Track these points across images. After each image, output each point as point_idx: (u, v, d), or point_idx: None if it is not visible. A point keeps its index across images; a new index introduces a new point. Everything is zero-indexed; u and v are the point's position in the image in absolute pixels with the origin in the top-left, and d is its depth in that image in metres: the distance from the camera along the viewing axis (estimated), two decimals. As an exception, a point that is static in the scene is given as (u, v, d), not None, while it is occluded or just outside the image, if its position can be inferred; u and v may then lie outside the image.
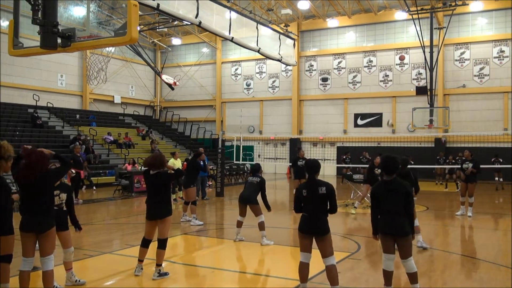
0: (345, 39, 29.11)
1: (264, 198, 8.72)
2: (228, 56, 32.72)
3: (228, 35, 12.76)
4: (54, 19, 5.33)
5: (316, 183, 5.44)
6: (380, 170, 5.62)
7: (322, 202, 5.38)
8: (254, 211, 8.64)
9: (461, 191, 12.30)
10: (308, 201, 5.42)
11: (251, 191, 8.70)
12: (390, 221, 5.36)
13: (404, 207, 5.35)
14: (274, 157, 30.32)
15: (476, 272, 6.85)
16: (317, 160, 5.83)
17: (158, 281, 6.18)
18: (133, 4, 5.18)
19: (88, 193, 17.75)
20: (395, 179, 5.46)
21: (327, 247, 5.37)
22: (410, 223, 5.39)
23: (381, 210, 5.46)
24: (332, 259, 5.36)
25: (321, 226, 5.36)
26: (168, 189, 6.52)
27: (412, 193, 5.46)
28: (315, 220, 5.36)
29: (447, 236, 10.35)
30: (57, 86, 27.79)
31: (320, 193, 5.36)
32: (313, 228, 5.37)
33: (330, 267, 5.35)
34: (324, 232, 5.36)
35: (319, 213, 5.38)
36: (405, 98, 26.69)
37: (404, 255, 5.35)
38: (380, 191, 5.49)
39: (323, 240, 5.37)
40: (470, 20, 25.78)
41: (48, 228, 5.02)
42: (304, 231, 5.45)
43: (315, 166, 5.56)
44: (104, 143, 23.82)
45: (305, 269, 5.46)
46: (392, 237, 5.39)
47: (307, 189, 5.45)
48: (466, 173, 11.92)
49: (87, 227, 10.84)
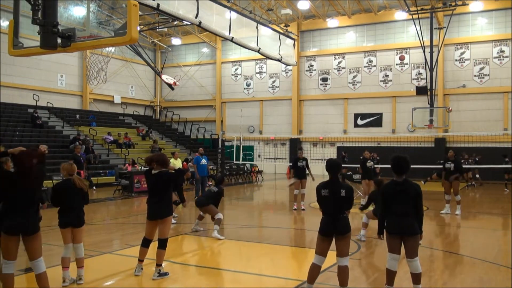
0: (345, 39, 29.11)
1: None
2: (228, 56, 32.72)
3: (228, 35, 12.76)
4: (54, 19, 5.32)
5: (338, 185, 5.37)
6: (392, 170, 5.52)
7: (342, 203, 5.35)
8: (210, 212, 9.32)
9: (445, 189, 12.59)
10: (328, 201, 5.37)
11: (207, 197, 9.42)
12: (399, 221, 5.31)
13: (413, 208, 5.30)
14: (274, 157, 30.32)
15: (476, 272, 6.85)
16: (337, 160, 5.76)
17: (158, 281, 6.18)
18: (133, 4, 5.17)
19: (88, 193, 17.72)
20: (405, 180, 5.38)
21: (345, 247, 5.35)
22: (419, 223, 5.35)
23: (390, 210, 5.40)
24: (346, 260, 5.36)
25: (344, 225, 5.33)
26: (169, 189, 6.51)
27: (421, 194, 5.41)
28: (337, 220, 5.33)
29: (447, 236, 10.36)
30: (57, 86, 27.79)
31: (341, 195, 5.31)
32: (335, 229, 5.33)
33: (344, 268, 5.35)
34: (346, 231, 5.34)
35: (339, 214, 5.34)
36: (405, 98, 26.70)
37: (410, 255, 5.30)
38: (390, 191, 5.42)
39: (343, 239, 5.34)
40: (470, 20, 25.79)
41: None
42: (324, 233, 5.40)
43: (336, 166, 5.49)
44: (104, 143, 23.81)
45: (315, 271, 5.44)
46: (399, 237, 5.34)
47: (328, 189, 5.37)
48: (450, 180, 12.33)
49: (87, 227, 10.84)
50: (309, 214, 13.11)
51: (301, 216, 12.50)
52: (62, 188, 6.10)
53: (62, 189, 6.09)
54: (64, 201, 6.04)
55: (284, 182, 25.13)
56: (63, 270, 5.96)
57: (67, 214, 6.01)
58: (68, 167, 6.20)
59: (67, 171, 6.14)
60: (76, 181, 6.05)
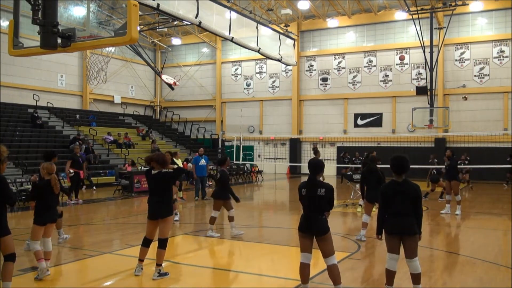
0: (345, 39, 29.11)
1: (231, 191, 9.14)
2: (228, 56, 32.72)
3: (228, 35, 12.77)
4: (54, 19, 5.33)
5: (316, 184, 5.39)
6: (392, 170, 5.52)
7: (320, 202, 5.35)
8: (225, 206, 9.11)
9: (446, 190, 12.83)
10: (307, 200, 5.40)
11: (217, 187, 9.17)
12: (398, 221, 5.31)
13: (413, 208, 5.31)
14: (274, 157, 30.32)
15: (476, 272, 6.85)
16: (320, 160, 5.78)
17: (158, 281, 6.18)
18: (133, 4, 5.18)
19: (88, 193, 17.74)
20: (405, 180, 5.39)
21: (328, 247, 5.34)
22: (418, 223, 5.35)
23: (389, 211, 5.40)
24: (333, 259, 5.34)
25: (321, 225, 5.33)
26: (169, 188, 6.51)
27: (421, 195, 5.41)
28: (314, 220, 5.34)
29: (447, 236, 10.36)
30: (57, 86, 27.79)
31: (319, 194, 5.33)
32: (312, 228, 5.35)
33: (332, 267, 5.34)
34: (324, 232, 5.34)
35: (317, 213, 5.35)
36: (405, 98, 26.69)
37: (410, 255, 5.30)
38: (389, 191, 5.42)
39: (323, 239, 5.34)
40: (470, 20, 25.78)
41: None
42: (303, 230, 5.43)
43: (318, 166, 5.50)
44: (104, 143, 23.82)
45: (305, 269, 5.43)
46: (399, 237, 5.35)
47: (307, 188, 5.42)
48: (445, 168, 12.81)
49: (87, 227, 10.85)
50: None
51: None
52: (43, 186, 6.34)
53: (42, 188, 6.33)
54: (43, 199, 6.29)
55: (284, 182, 25.13)
56: (39, 261, 6.06)
57: (44, 213, 6.25)
58: (48, 166, 6.46)
59: (47, 170, 6.41)
60: (52, 180, 6.26)
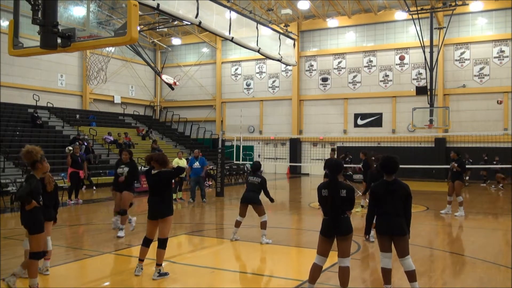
0: (345, 39, 29.11)
1: (267, 194, 8.78)
2: (228, 56, 32.72)
3: (228, 35, 12.75)
4: (54, 19, 5.33)
5: (338, 185, 5.35)
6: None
7: (342, 203, 5.32)
8: (258, 211, 8.66)
9: (449, 191, 12.73)
10: (328, 202, 5.36)
11: (253, 191, 8.69)
12: (388, 221, 5.34)
13: (403, 208, 5.35)
14: (274, 157, 30.31)
15: (476, 272, 6.85)
16: (339, 160, 5.76)
17: (158, 281, 6.18)
18: (133, 4, 5.18)
19: (88, 193, 17.74)
20: (395, 180, 5.43)
21: (347, 247, 5.34)
22: (407, 223, 5.40)
23: (379, 210, 5.44)
24: (347, 261, 5.35)
25: (345, 225, 5.31)
26: (169, 188, 6.52)
27: (411, 194, 5.43)
28: (337, 221, 5.31)
29: (447, 236, 10.36)
30: (57, 86, 27.79)
31: (341, 195, 5.30)
32: (339, 229, 5.31)
33: (344, 269, 5.34)
34: (347, 231, 5.33)
35: (339, 215, 5.32)
36: (405, 98, 26.70)
37: (402, 254, 5.35)
38: (380, 191, 5.45)
39: (345, 239, 5.33)
40: (470, 20, 25.79)
41: None
42: (325, 234, 5.39)
43: (339, 166, 5.49)
44: (104, 143, 23.81)
45: (317, 271, 5.43)
46: (389, 237, 5.39)
47: (328, 189, 5.36)
48: (450, 169, 12.81)
49: (87, 227, 10.85)
50: (309, 214, 13.12)
51: (301, 216, 12.49)
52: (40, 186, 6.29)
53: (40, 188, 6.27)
54: (40, 198, 6.23)
55: (284, 182, 25.11)
56: None
57: (44, 211, 6.17)
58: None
59: None
60: (46, 178, 6.18)
